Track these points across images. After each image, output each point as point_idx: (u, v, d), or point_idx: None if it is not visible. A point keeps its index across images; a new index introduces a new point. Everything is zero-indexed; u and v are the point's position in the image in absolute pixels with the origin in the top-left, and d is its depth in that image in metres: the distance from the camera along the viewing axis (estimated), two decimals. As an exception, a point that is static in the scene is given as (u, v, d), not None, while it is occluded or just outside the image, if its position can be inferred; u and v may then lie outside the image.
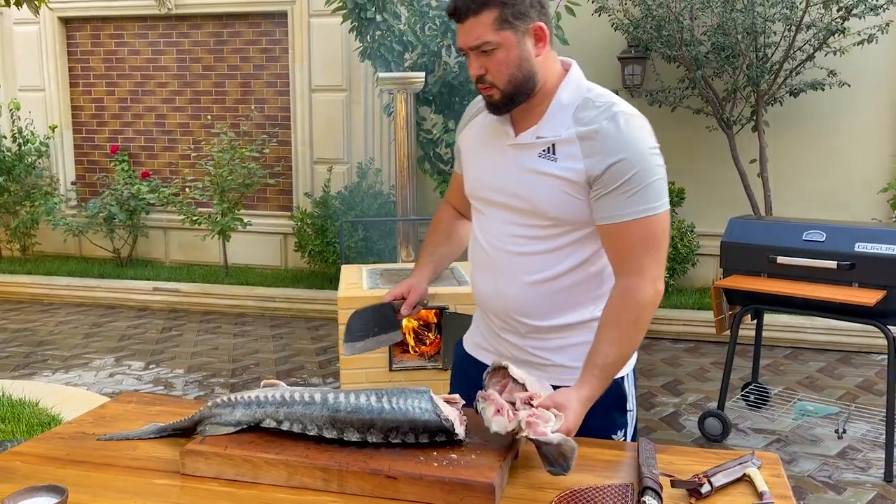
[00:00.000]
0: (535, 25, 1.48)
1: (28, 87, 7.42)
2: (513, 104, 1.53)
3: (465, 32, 1.48)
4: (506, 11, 1.44)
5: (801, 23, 5.13)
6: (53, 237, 7.41)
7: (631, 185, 1.45)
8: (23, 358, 4.97)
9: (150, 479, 1.34)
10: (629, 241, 1.48)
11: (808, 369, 4.72)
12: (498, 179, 1.60)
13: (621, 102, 1.52)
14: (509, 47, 1.46)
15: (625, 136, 1.46)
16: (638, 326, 1.48)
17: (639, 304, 1.48)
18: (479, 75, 1.50)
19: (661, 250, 1.50)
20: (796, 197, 5.86)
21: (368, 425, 1.35)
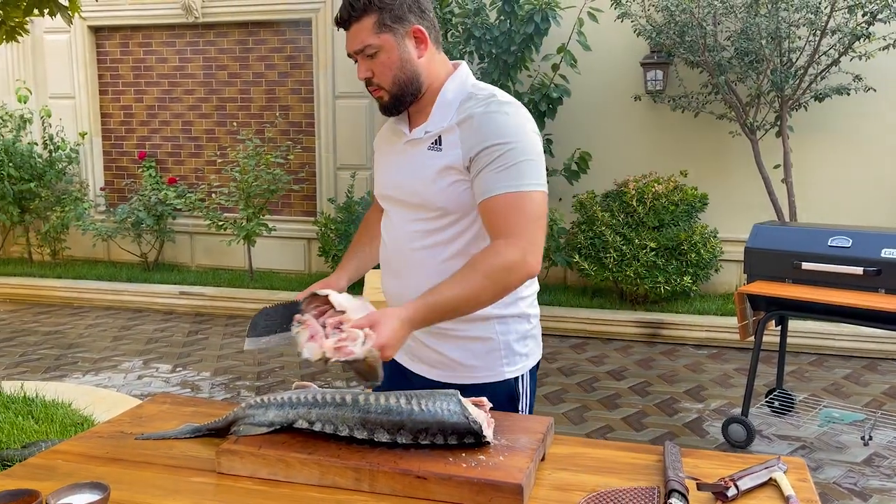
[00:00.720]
0: (413, 28, 1.56)
1: (59, 95, 7.58)
2: (401, 105, 1.60)
3: (350, 38, 1.56)
4: (384, 16, 1.53)
5: (826, 27, 5.10)
6: (83, 242, 7.55)
7: (502, 162, 1.49)
8: (54, 360, 5.07)
9: (186, 478, 1.38)
10: (501, 213, 1.50)
11: (833, 376, 4.68)
12: (396, 178, 1.67)
13: (502, 94, 1.58)
14: (390, 50, 1.54)
15: (499, 119, 1.52)
16: (489, 279, 1.46)
17: (497, 260, 1.46)
18: (366, 78, 1.58)
19: (533, 223, 1.49)
20: (821, 203, 5.82)
21: (398, 426, 1.38)
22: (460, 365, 1.67)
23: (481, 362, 1.66)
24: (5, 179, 6.94)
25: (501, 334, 1.66)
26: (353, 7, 1.53)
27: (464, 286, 1.46)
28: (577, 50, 5.63)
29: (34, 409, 3.46)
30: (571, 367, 4.88)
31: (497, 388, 1.65)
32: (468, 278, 1.46)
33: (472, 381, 1.65)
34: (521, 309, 1.68)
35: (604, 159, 6.19)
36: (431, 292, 1.46)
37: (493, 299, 1.50)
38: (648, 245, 5.50)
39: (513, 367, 1.69)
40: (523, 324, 1.69)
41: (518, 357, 1.70)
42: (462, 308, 1.48)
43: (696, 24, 5.29)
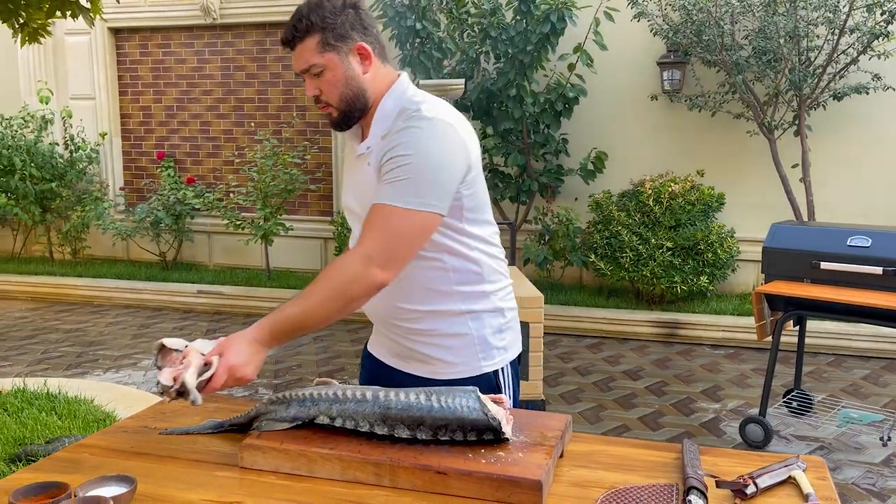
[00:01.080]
0: (356, 45, 1.58)
1: (79, 96, 7.67)
2: (350, 120, 1.63)
3: (295, 58, 1.59)
4: (327, 35, 1.55)
5: (845, 26, 5.07)
6: (102, 241, 7.64)
7: (393, 175, 1.50)
8: (75, 357, 5.14)
9: (210, 472, 1.41)
10: (369, 222, 1.51)
11: (852, 376, 4.65)
12: (350, 192, 1.71)
13: (430, 108, 1.55)
14: (335, 68, 1.57)
15: (408, 133, 1.52)
16: (331, 293, 1.48)
17: (338, 273, 1.49)
18: (315, 96, 1.60)
19: (393, 238, 1.49)
20: (840, 202, 5.77)
21: (418, 422, 1.40)
22: (440, 362, 1.69)
23: (459, 359, 1.68)
24: (27, 179, 7.03)
25: (476, 330, 1.68)
26: (296, 28, 1.56)
27: (307, 302, 1.49)
28: (593, 49, 5.63)
29: (57, 406, 3.51)
30: (587, 366, 4.88)
31: (477, 383, 1.66)
32: (311, 294, 1.49)
33: (452, 376, 1.68)
34: (494, 303, 1.70)
35: (620, 159, 6.18)
36: (278, 310, 1.51)
37: (339, 312, 1.50)
38: (665, 245, 5.48)
39: (491, 361, 1.71)
40: (497, 318, 1.71)
41: (495, 351, 1.71)
42: (309, 323, 1.50)
43: (713, 23, 5.27)
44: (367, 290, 1.49)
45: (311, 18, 1.55)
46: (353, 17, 1.57)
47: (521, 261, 5.94)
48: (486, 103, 5.92)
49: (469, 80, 5.92)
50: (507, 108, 5.79)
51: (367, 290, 1.49)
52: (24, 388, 3.77)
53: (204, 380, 1.42)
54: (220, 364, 1.43)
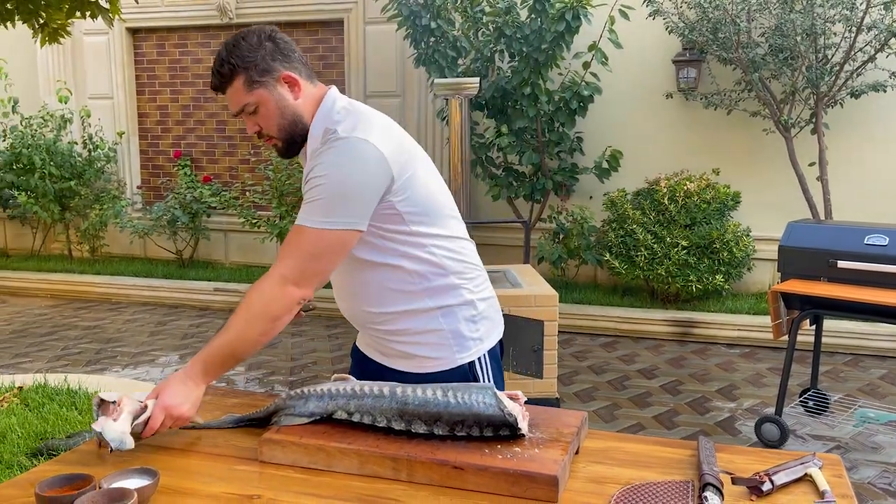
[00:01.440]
0: (282, 75, 1.61)
1: (97, 96, 7.74)
2: (294, 146, 1.67)
3: (228, 101, 1.64)
4: (250, 73, 1.58)
5: (862, 24, 5.03)
6: (120, 239, 7.71)
7: (309, 196, 1.56)
8: (94, 354, 5.20)
9: (231, 465, 1.43)
10: (285, 241, 1.59)
11: (869, 376, 4.62)
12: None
13: (350, 126, 1.57)
14: (266, 102, 1.60)
15: (329, 155, 1.55)
16: (251, 317, 1.54)
17: (255, 298, 1.54)
18: (256, 132, 1.65)
19: (304, 256, 1.54)
20: (857, 201, 5.73)
21: (435, 418, 1.41)
22: (419, 357, 1.72)
23: (435, 353, 1.71)
24: (47, 178, 7.12)
25: (448, 324, 1.70)
26: (220, 74, 1.59)
27: (233, 330, 1.54)
28: (608, 48, 5.61)
29: (77, 401, 3.56)
30: (602, 365, 4.88)
31: (454, 375, 1.69)
32: (235, 321, 1.54)
33: (433, 370, 1.71)
34: (464, 296, 1.71)
35: (635, 157, 6.16)
36: (207, 344, 1.57)
37: (265, 333, 1.55)
38: (680, 243, 5.47)
39: (465, 353, 1.72)
40: (469, 309, 1.72)
41: (470, 342, 1.73)
42: (238, 350, 1.55)
43: (729, 21, 5.25)
44: (288, 307, 1.56)
45: (231, 61, 1.58)
46: (271, 49, 1.61)
47: (536, 259, 5.94)
48: (501, 102, 5.93)
49: (484, 79, 5.93)
50: (522, 107, 5.79)
51: (287, 308, 1.56)
52: (45, 384, 3.82)
53: (140, 422, 1.46)
54: (156, 405, 1.48)
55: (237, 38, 1.62)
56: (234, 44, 1.61)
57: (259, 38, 1.61)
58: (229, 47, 1.61)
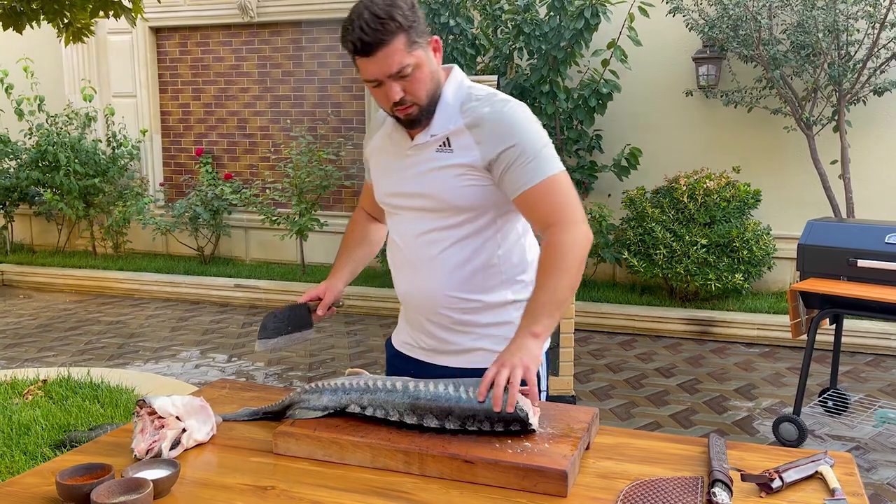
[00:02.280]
0: (433, 39, 1.60)
1: (121, 94, 7.85)
2: (428, 115, 1.62)
3: (378, 63, 1.52)
4: (411, 34, 1.52)
5: (885, 20, 4.96)
6: (143, 235, 7.82)
7: (524, 158, 1.57)
8: (116, 349, 5.28)
9: (246, 457, 1.46)
10: (539, 201, 1.58)
11: (891, 376, 4.57)
12: (403, 184, 1.70)
13: (500, 94, 1.65)
14: (423, 65, 1.56)
15: (507, 118, 1.59)
16: (564, 271, 1.54)
17: (562, 249, 1.54)
18: (399, 99, 1.56)
19: (571, 200, 1.60)
20: (880, 199, 5.66)
21: (447, 413, 1.43)
22: (481, 351, 1.72)
23: (499, 347, 1.67)
24: (71, 175, 7.23)
25: (518, 319, 1.68)
26: (382, 30, 1.49)
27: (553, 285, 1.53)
28: (627, 45, 5.59)
29: (100, 394, 3.63)
30: (619, 363, 4.87)
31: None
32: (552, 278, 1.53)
33: (483, 365, 1.66)
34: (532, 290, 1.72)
35: (654, 155, 6.13)
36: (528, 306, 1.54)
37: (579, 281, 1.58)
38: (699, 242, 5.44)
39: None
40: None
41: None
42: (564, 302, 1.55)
43: (750, 18, 5.20)
44: (585, 245, 1.57)
45: (396, 19, 1.50)
46: (421, 14, 1.58)
47: (554, 257, 5.93)
48: (520, 99, 5.92)
49: (502, 77, 5.93)
50: (541, 105, 5.78)
51: (584, 246, 1.57)
52: (69, 378, 3.89)
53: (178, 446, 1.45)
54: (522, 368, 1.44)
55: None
56: (389, 3, 1.51)
57: (413, 1, 1.55)
58: (385, 6, 1.50)
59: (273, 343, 1.81)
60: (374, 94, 1.59)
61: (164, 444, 1.42)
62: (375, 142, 1.81)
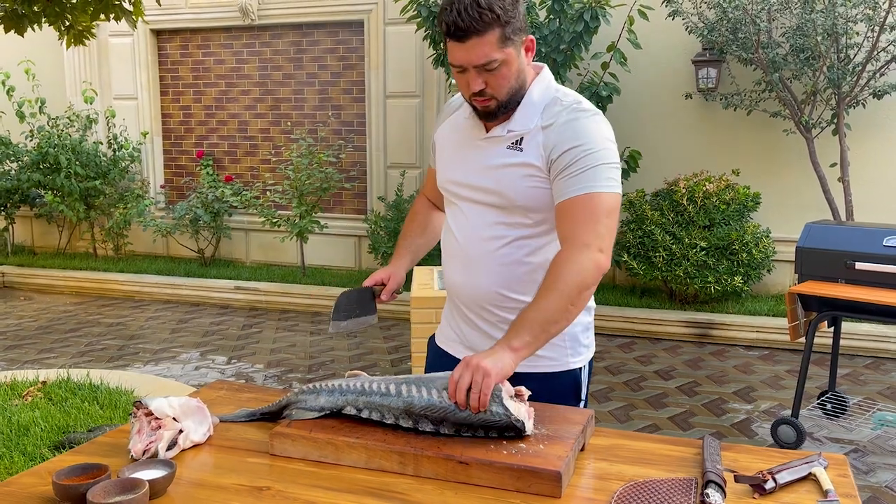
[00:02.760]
0: (528, 38, 1.57)
1: (122, 96, 7.87)
2: (507, 110, 1.60)
3: (467, 50, 1.50)
4: (507, 30, 1.50)
5: (885, 23, 4.97)
6: (143, 237, 7.83)
7: (579, 166, 1.54)
8: (116, 350, 5.29)
9: (242, 458, 1.47)
10: (572, 214, 1.54)
11: (890, 379, 4.57)
12: (468, 174, 1.68)
13: (586, 102, 1.62)
14: (511, 63, 1.53)
15: (581, 125, 1.56)
16: (558, 292, 1.48)
17: (563, 269, 1.49)
18: (479, 90, 1.55)
19: (601, 225, 1.53)
20: (880, 202, 5.66)
21: (440, 420, 1.43)
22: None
23: (549, 353, 1.69)
24: (72, 177, 7.25)
25: (569, 326, 1.68)
26: (478, 19, 1.46)
27: (545, 307, 1.48)
28: (627, 48, 5.60)
29: (99, 396, 3.64)
30: (619, 365, 4.87)
31: (563, 378, 1.69)
32: (546, 299, 1.48)
33: (539, 370, 1.69)
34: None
35: (654, 158, 6.14)
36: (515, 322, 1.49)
37: (578, 306, 1.52)
38: (699, 244, 5.44)
39: (577, 358, 1.74)
40: (586, 316, 1.74)
41: (582, 348, 1.75)
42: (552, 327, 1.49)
43: (749, 21, 5.21)
44: (598, 278, 1.53)
45: (495, 11, 1.47)
46: (523, 10, 1.54)
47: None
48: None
49: (502, 80, 5.94)
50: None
51: (597, 279, 1.53)
52: (69, 379, 3.90)
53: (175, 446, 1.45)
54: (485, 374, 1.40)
55: None
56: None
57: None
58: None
59: (344, 326, 1.80)
60: (457, 78, 1.58)
61: (160, 444, 1.43)
62: (445, 128, 1.78)
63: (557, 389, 1.69)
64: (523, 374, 1.68)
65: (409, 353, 4.96)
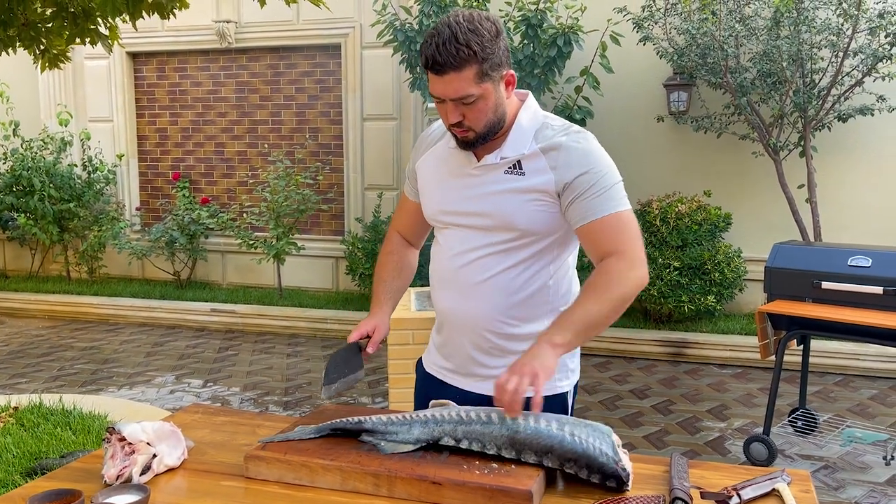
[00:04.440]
0: (507, 73, 1.59)
1: (98, 119, 7.84)
2: (485, 141, 1.63)
3: (444, 84, 1.54)
4: (485, 66, 1.52)
5: (848, 49, 5.13)
6: (118, 260, 7.77)
7: (597, 189, 1.60)
8: (90, 374, 5.23)
9: (217, 481, 1.47)
10: (604, 233, 1.60)
11: (859, 396, 4.65)
12: (463, 203, 1.69)
13: (575, 125, 1.68)
14: (488, 98, 1.56)
15: (585, 148, 1.62)
16: (606, 298, 1.55)
17: (614, 277, 1.56)
18: (457, 122, 1.58)
19: (636, 237, 1.62)
20: (846, 223, 5.80)
21: (547, 450, 1.41)
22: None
23: None
24: (46, 200, 7.19)
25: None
26: (455, 55, 1.49)
27: (588, 311, 1.55)
28: (599, 72, 5.71)
29: (72, 421, 3.60)
30: (594, 385, 4.91)
31: (553, 402, 1.70)
32: (592, 303, 1.55)
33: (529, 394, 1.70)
34: None
35: (627, 179, 6.11)
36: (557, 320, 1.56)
37: (618, 314, 1.59)
38: (672, 264, 5.52)
39: (565, 382, 1.77)
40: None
41: (569, 371, 1.78)
42: (592, 332, 1.57)
43: (717, 47, 5.34)
44: (636, 286, 1.59)
45: (472, 48, 1.49)
46: (503, 45, 1.56)
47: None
48: (495, 125, 6.01)
49: (478, 103, 6.01)
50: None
51: (638, 289, 1.60)
52: (41, 404, 3.85)
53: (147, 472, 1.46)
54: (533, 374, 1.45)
55: (473, 21, 1.52)
56: (471, 28, 1.50)
57: (496, 27, 1.54)
58: (466, 30, 1.50)
59: (335, 388, 1.74)
60: (437, 107, 1.61)
61: (134, 469, 1.44)
62: (427, 160, 1.78)
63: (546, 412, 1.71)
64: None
65: (386, 375, 4.96)
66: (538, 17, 5.58)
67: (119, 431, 1.47)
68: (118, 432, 1.47)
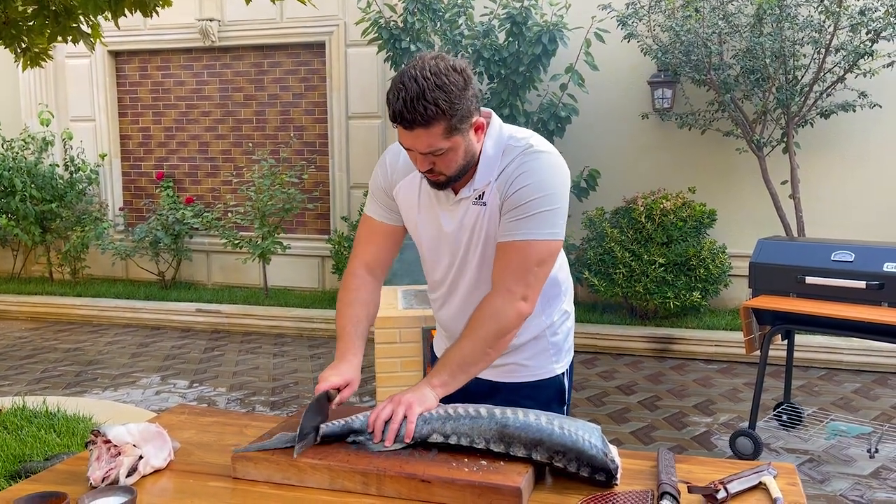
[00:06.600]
0: (476, 121, 1.57)
1: (80, 118, 7.76)
2: (455, 182, 1.63)
3: (413, 138, 1.51)
4: (453, 121, 1.50)
5: (830, 45, 5.17)
6: (102, 261, 7.70)
7: (524, 211, 1.58)
8: (74, 376, 5.18)
9: (204, 482, 1.47)
10: (506, 258, 1.60)
11: (843, 390, 4.70)
12: (449, 236, 1.71)
13: (539, 142, 1.64)
14: (457, 148, 1.55)
15: (532, 167, 1.59)
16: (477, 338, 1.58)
17: (485, 315, 1.59)
18: (427, 169, 1.57)
19: (531, 274, 1.59)
20: (829, 218, 5.85)
21: (536, 443, 1.41)
22: (514, 365, 1.76)
23: (534, 361, 1.76)
24: (27, 200, 7.11)
25: (551, 333, 1.76)
26: (423, 114, 1.46)
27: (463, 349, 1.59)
28: (584, 69, 5.72)
29: (56, 424, 3.56)
30: (581, 381, 4.92)
31: (549, 384, 1.75)
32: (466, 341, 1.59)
33: (526, 378, 1.75)
34: (564, 308, 1.80)
35: (612, 176, 6.26)
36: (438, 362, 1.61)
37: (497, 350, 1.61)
38: (657, 261, 5.55)
39: (560, 363, 1.80)
40: (567, 320, 1.81)
41: (563, 353, 1.81)
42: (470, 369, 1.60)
43: (701, 44, 5.37)
44: (518, 326, 1.61)
45: (440, 106, 1.46)
46: (471, 94, 1.52)
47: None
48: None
49: (463, 101, 6.01)
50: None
51: (517, 324, 1.60)
52: (24, 407, 3.81)
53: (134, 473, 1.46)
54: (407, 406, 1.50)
55: (440, 75, 1.47)
56: (438, 84, 1.46)
57: (464, 78, 1.50)
58: (434, 86, 1.46)
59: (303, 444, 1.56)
60: (408, 153, 1.59)
61: (120, 470, 1.42)
62: (408, 189, 1.74)
63: (544, 397, 1.76)
64: (513, 385, 1.74)
65: (373, 374, 4.95)
66: (523, 14, 5.59)
67: (104, 434, 1.46)
68: (103, 435, 1.46)
